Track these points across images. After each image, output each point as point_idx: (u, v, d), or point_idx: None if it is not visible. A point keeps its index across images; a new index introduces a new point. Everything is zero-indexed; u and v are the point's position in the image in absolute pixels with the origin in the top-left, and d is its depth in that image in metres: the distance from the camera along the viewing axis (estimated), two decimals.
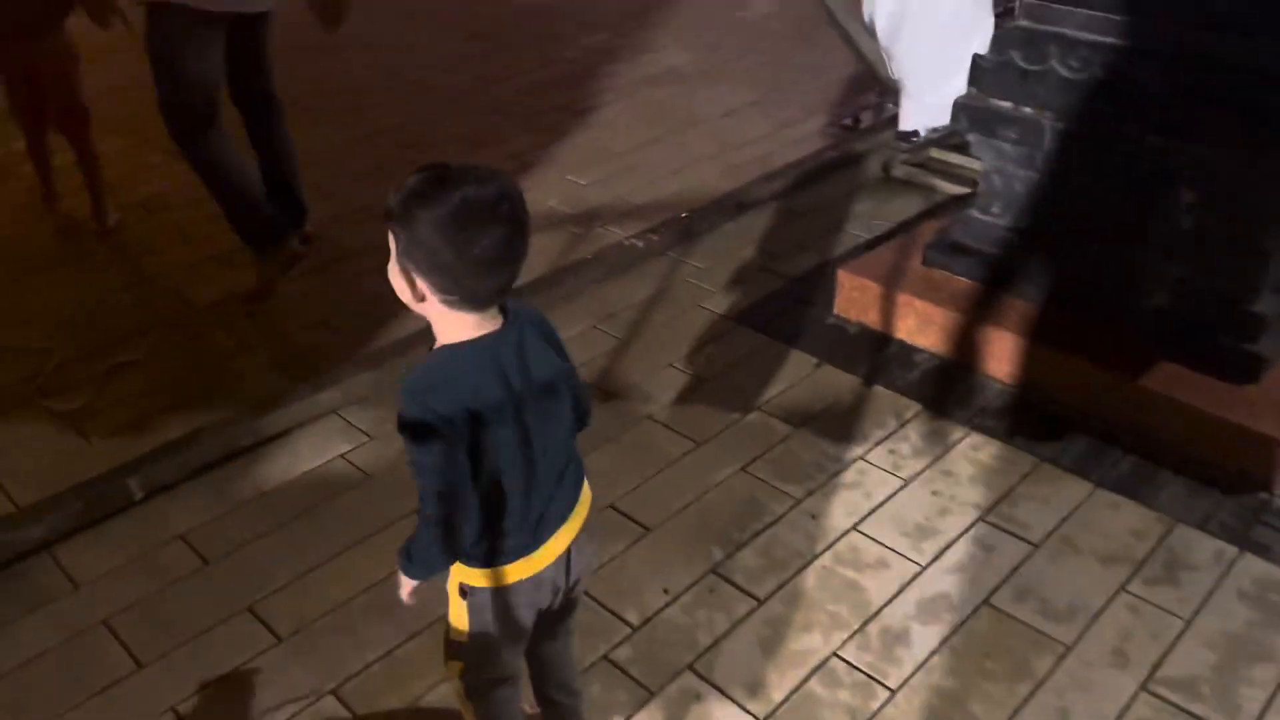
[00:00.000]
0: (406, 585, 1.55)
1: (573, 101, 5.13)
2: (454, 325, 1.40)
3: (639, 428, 2.78)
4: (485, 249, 1.31)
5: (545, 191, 4.15)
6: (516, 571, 1.53)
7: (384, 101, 5.17)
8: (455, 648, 1.62)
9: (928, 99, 4.17)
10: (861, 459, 2.65)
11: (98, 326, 3.29)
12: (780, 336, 3.17)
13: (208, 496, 2.58)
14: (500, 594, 1.54)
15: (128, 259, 3.72)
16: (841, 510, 2.48)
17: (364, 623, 2.22)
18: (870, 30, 4.36)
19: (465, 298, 1.37)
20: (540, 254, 3.63)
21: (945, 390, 2.90)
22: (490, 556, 1.51)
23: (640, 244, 3.64)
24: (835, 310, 3.27)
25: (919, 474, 2.60)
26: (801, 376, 2.99)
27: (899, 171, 4.19)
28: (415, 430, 1.36)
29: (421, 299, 1.38)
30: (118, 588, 2.31)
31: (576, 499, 1.61)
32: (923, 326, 3.07)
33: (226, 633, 2.19)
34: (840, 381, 2.96)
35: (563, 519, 1.56)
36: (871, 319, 3.19)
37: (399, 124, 4.87)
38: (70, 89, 3.70)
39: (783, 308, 3.33)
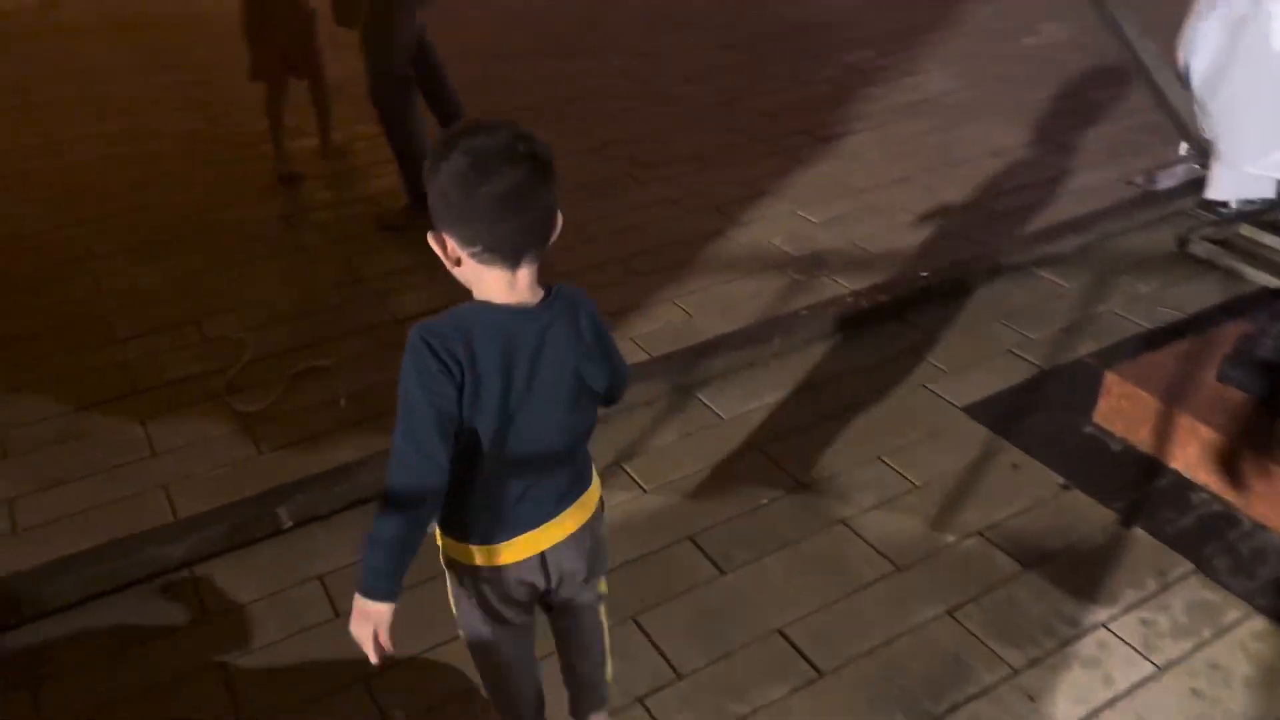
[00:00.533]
0: (358, 612, 1.41)
1: (819, 126, 4.71)
2: (487, 288, 1.39)
3: (830, 534, 2.37)
4: (495, 186, 1.30)
5: (771, 226, 3.79)
6: (480, 556, 1.49)
7: (623, 110, 4.96)
8: (465, 639, 1.64)
9: (1246, 167, 3.45)
10: (1104, 627, 2.12)
11: (297, 324, 3.25)
12: (1021, 442, 2.65)
13: (355, 535, 2.41)
14: (470, 571, 1.52)
15: (343, 256, 3.69)
16: (1070, 695, 1.97)
17: None
18: (1183, 78, 3.67)
19: (488, 247, 1.34)
20: (751, 298, 3.28)
21: (1227, 550, 2.30)
22: (460, 531, 1.49)
23: (867, 303, 3.20)
24: (1096, 418, 2.71)
25: (1178, 661, 2.04)
26: (1042, 499, 2.47)
27: (1198, 248, 3.50)
28: (408, 361, 1.35)
29: (457, 262, 1.38)
30: (246, 626, 2.18)
31: (567, 504, 1.53)
32: (1207, 460, 2.47)
33: (337, 706, 2.00)
34: (1091, 514, 2.42)
35: (538, 521, 1.50)
36: (1141, 438, 2.61)
37: (634, 136, 4.64)
38: (311, 43, 4.18)
39: (1030, 405, 2.80)
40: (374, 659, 1.41)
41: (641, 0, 6.86)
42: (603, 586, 1.69)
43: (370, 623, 1.39)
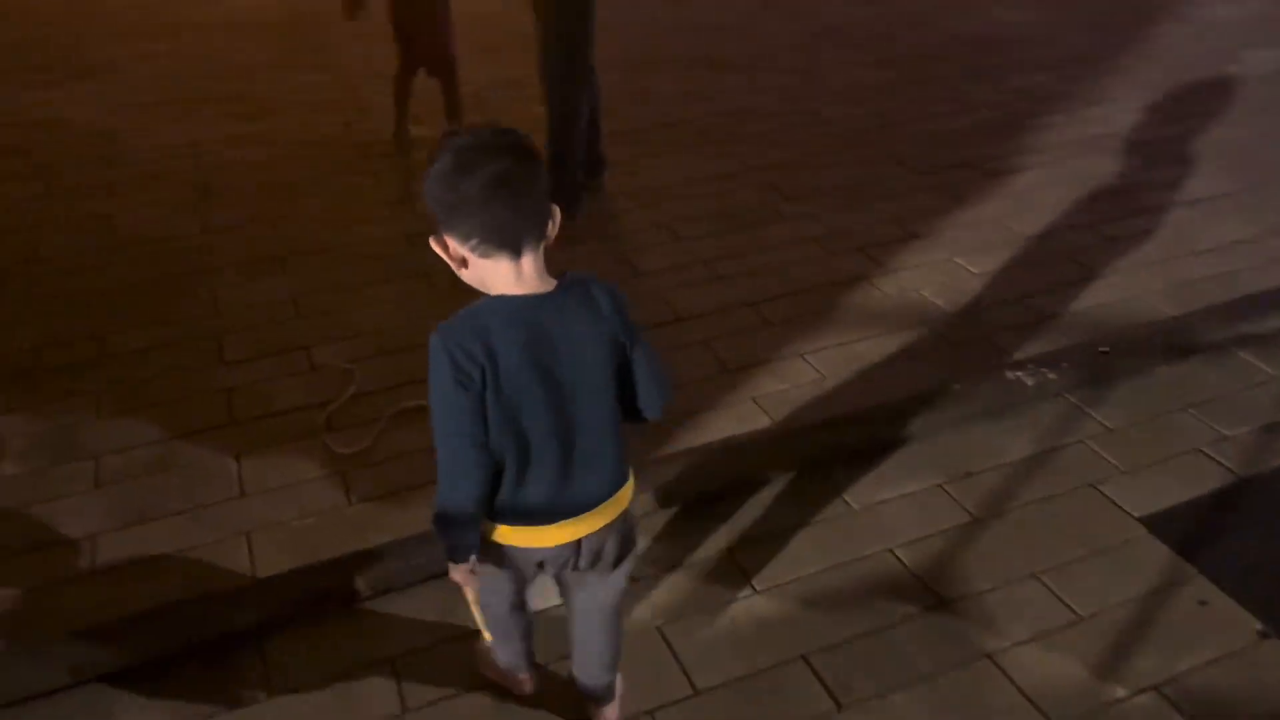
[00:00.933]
0: (451, 568, 1.60)
1: (985, 159, 4.28)
2: (497, 282, 1.42)
3: (971, 671, 2.02)
4: (480, 176, 1.34)
5: (923, 275, 3.41)
6: (511, 536, 1.56)
7: (768, 131, 4.64)
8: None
9: None
10: None
11: (406, 355, 3.08)
12: (1211, 570, 2.23)
13: (434, 612, 2.21)
14: (497, 547, 1.59)
15: (459, 282, 3.52)
16: None
17: None
18: None
19: (484, 238, 1.38)
20: (894, 360, 2.93)
21: None
22: (498, 513, 1.54)
23: (1030, 380, 2.81)
24: None
25: None
26: (1234, 648, 2.05)
27: None
28: (431, 367, 1.42)
29: (462, 263, 1.42)
30: (306, 714, 2.00)
31: (604, 495, 1.57)
32: None
33: None
34: None
35: (577, 510, 1.55)
36: None
37: (778, 161, 4.32)
38: (442, 41, 4.34)
39: (1223, 522, 2.37)
40: (475, 587, 1.68)
41: (797, 12, 6.51)
42: (629, 573, 1.77)
43: (460, 574, 1.61)
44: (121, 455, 2.67)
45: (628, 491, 1.61)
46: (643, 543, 2.37)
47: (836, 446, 2.59)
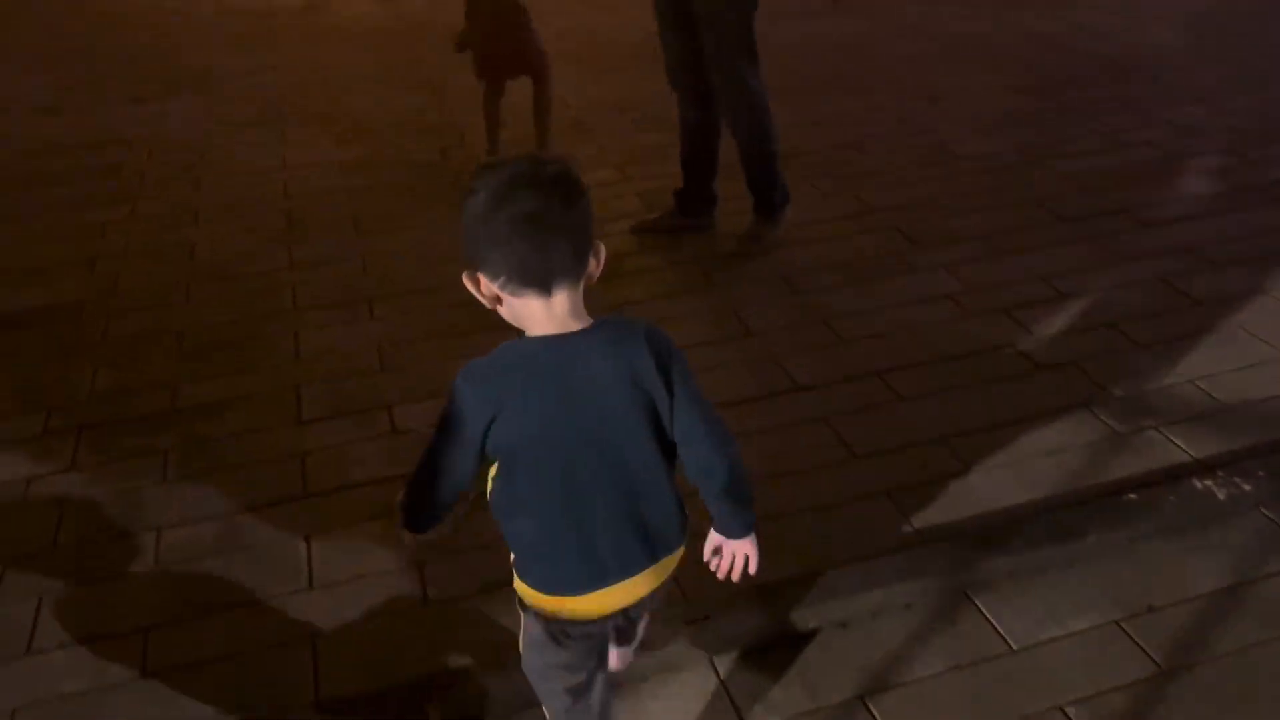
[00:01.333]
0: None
1: (1142, 205, 3.82)
2: (529, 321, 1.38)
3: None
4: (509, 211, 1.29)
5: (1079, 343, 2.99)
6: (545, 603, 1.50)
7: (892, 166, 4.25)
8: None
9: None
10: None
11: None
12: None
13: None
14: (533, 614, 1.53)
15: None
16: None
17: None
18: None
19: (512, 276, 1.33)
20: (1052, 455, 2.54)
21: None
22: (526, 576, 1.50)
23: (1221, 491, 2.37)
24: None
25: None
26: None
27: None
28: (448, 396, 1.40)
29: (496, 300, 1.37)
30: None
31: (629, 566, 1.47)
32: None
33: None
34: None
35: (612, 578, 1.46)
36: None
37: (905, 202, 3.93)
38: (521, 42, 4.22)
39: None
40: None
41: (917, 30, 6.08)
42: None
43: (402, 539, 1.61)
44: (186, 530, 2.44)
45: (666, 567, 1.51)
46: (755, 678, 2.03)
47: (990, 565, 2.21)
